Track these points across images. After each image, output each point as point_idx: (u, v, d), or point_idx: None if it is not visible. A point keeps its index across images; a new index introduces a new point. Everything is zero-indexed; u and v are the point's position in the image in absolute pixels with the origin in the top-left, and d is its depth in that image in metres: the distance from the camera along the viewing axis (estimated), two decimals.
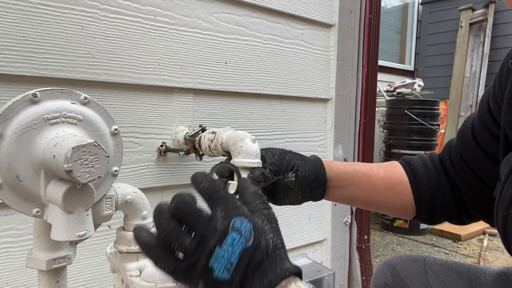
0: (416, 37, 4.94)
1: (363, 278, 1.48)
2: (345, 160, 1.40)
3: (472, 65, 3.90)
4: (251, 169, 0.61)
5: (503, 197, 0.45)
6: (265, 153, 0.66)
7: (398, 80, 3.48)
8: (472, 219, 0.66)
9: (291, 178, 0.63)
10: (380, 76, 2.20)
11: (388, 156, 2.75)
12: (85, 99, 0.54)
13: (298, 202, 0.66)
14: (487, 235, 2.65)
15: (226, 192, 0.41)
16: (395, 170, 0.68)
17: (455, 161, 0.64)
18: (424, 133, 2.61)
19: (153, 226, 0.67)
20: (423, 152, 2.62)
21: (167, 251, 0.38)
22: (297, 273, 0.38)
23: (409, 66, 4.92)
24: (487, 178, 0.59)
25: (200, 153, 0.88)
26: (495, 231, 2.71)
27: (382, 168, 0.68)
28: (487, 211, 0.62)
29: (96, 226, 0.58)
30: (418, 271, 0.68)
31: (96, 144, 0.45)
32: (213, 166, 0.60)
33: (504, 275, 0.62)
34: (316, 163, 0.65)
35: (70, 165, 0.43)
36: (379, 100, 2.64)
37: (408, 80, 3.42)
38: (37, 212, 0.51)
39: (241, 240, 0.36)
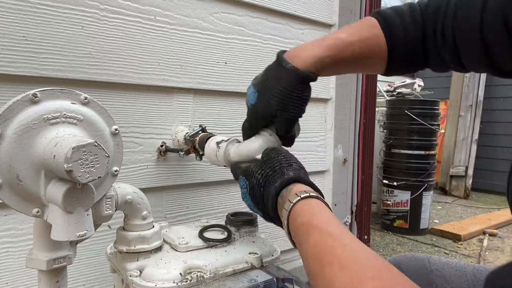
0: None
1: None
2: (345, 160, 1.40)
3: None
4: None
5: None
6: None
7: (398, 80, 3.48)
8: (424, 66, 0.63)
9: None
10: (380, 76, 2.20)
11: (388, 156, 2.75)
12: (85, 99, 0.54)
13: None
14: (487, 235, 2.65)
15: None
16: (373, 29, 0.62)
17: (440, 29, 0.58)
18: (424, 133, 2.61)
19: (153, 226, 0.67)
20: (423, 152, 2.62)
21: None
22: (296, 179, 0.53)
23: None
24: (468, 60, 0.56)
25: (200, 153, 0.88)
26: (495, 231, 2.71)
27: (359, 42, 0.61)
28: (441, 67, 0.60)
29: (96, 226, 0.58)
30: (422, 269, 0.68)
31: (96, 144, 0.45)
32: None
33: None
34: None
35: (70, 165, 0.43)
36: (379, 100, 2.64)
37: (408, 80, 3.42)
38: (37, 212, 0.51)
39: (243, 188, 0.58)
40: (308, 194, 0.50)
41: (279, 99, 0.59)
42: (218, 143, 0.70)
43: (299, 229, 0.49)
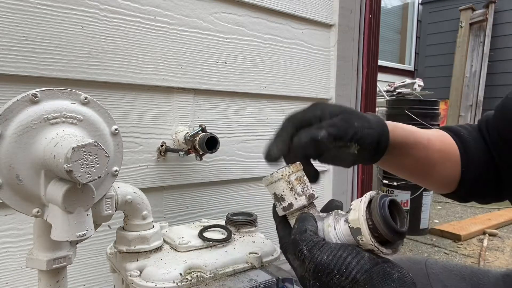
0: (416, 37, 4.94)
1: None
2: None
3: (472, 65, 3.90)
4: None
5: None
6: (321, 113, 0.51)
7: (398, 80, 3.48)
8: (500, 197, 0.62)
9: (354, 150, 0.50)
10: (380, 76, 2.20)
11: None
12: (85, 99, 0.54)
13: (348, 165, 0.56)
14: (487, 235, 2.65)
15: None
16: (448, 142, 0.62)
17: (494, 138, 0.59)
18: None
19: (153, 226, 0.67)
20: None
21: None
22: None
23: (409, 66, 4.93)
24: None
25: (200, 153, 0.88)
26: (495, 231, 2.71)
27: (439, 139, 0.62)
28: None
29: (96, 226, 0.58)
30: (419, 273, 0.67)
31: (96, 144, 0.45)
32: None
33: (507, 277, 0.61)
34: (382, 130, 0.54)
35: (70, 165, 0.43)
36: (379, 100, 2.64)
37: (408, 80, 3.42)
38: (37, 212, 0.51)
39: None
40: None
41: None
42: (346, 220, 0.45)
43: None
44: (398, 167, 0.63)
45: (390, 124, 0.58)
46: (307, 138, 0.47)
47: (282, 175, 0.48)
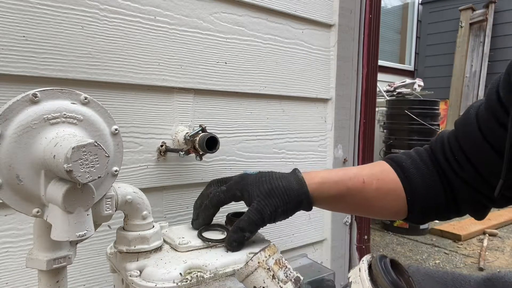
0: (416, 37, 4.94)
1: None
2: (345, 160, 1.40)
3: (472, 65, 3.90)
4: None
5: None
6: (241, 195, 0.66)
7: (398, 80, 3.48)
8: (460, 214, 0.65)
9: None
10: (380, 76, 2.20)
11: None
12: (85, 99, 0.54)
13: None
14: (487, 235, 2.65)
15: None
16: (387, 177, 0.66)
17: (451, 155, 0.61)
18: (424, 133, 2.61)
19: (153, 226, 0.67)
20: None
21: None
22: None
23: (409, 66, 4.93)
24: (488, 174, 0.57)
25: (200, 153, 0.88)
26: (495, 231, 2.71)
27: (375, 178, 0.66)
28: (477, 207, 0.62)
29: (96, 226, 0.58)
30: None
31: (96, 144, 0.45)
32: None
33: (489, 281, 0.61)
34: (300, 200, 0.63)
35: (70, 165, 0.43)
36: (379, 100, 2.65)
37: (408, 80, 3.43)
38: (37, 212, 0.51)
39: None
40: None
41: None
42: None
43: None
44: (337, 209, 0.71)
45: (316, 181, 0.64)
46: (237, 243, 0.64)
47: (258, 262, 0.41)
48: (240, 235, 0.60)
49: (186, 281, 0.60)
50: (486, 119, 0.56)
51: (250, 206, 0.65)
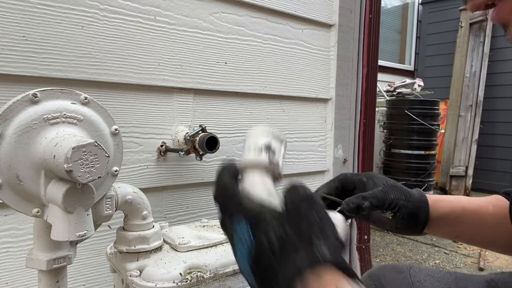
0: (416, 37, 4.94)
1: None
2: (345, 160, 1.40)
3: (472, 65, 3.90)
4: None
5: None
6: (366, 180, 0.63)
7: (398, 80, 3.48)
8: None
9: (388, 216, 0.60)
10: (380, 76, 2.20)
11: (388, 156, 2.75)
12: (85, 99, 0.54)
13: (388, 229, 0.64)
14: None
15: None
16: (503, 203, 0.64)
17: None
18: (424, 133, 2.61)
19: (153, 226, 0.68)
20: (423, 152, 2.63)
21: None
22: (332, 261, 0.31)
23: (409, 66, 4.92)
24: None
25: (200, 153, 0.88)
26: None
27: (490, 203, 0.64)
28: None
29: (96, 226, 0.58)
30: (404, 282, 0.67)
31: (96, 144, 0.45)
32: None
33: (492, 282, 0.61)
34: (419, 205, 0.61)
35: (70, 165, 0.43)
36: (379, 100, 2.65)
37: (408, 80, 3.43)
38: (37, 212, 0.51)
39: (242, 241, 0.37)
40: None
41: None
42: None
43: None
44: (453, 234, 0.66)
45: (433, 198, 0.64)
46: (354, 205, 0.57)
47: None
48: (360, 201, 0.57)
49: (186, 281, 0.60)
50: None
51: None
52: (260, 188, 0.42)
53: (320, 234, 0.33)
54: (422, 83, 3.38)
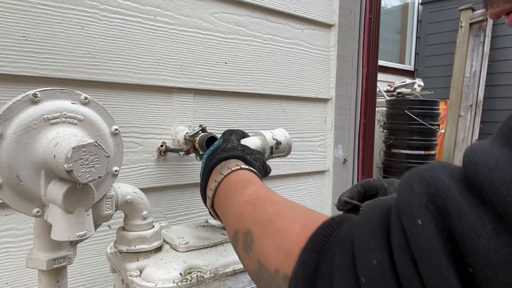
0: (416, 37, 4.94)
1: None
2: (345, 160, 1.40)
3: (472, 65, 3.90)
4: None
5: None
6: (388, 186, 0.64)
7: (398, 80, 3.48)
8: None
9: None
10: (380, 76, 2.20)
11: (388, 156, 2.75)
12: (86, 99, 0.54)
13: None
14: None
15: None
16: None
17: None
18: (424, 133, 2.61)
19: (153, 226, 0.68)
20: (423, 152, 2.62)
21: None
22: (241, 158, 0.57)
23: (409, 66, 4.93)
24: None
25: (200, 153, 0.88)
26: None
27: None
28: None
29: (96, 226, 0.58)
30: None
31: (96, 144, 0.45)
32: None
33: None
34: None
35: (71, 165, 0.43)
36: (379, 100, 2.64)
37: (408, 80, 3.43)
38: (37, 212, 0.51)
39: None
40: (247, 167, 0.55)
41: None
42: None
43: (232, 186, 0.51)
44: None
45: None
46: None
47: None
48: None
49: (186, 281, 0.60)
50: None
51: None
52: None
53: (243, 149, 0.61)
54: (422, 83, 3.38)
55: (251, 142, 0.76)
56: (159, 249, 0.68)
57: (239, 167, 0.54)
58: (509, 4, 0.42)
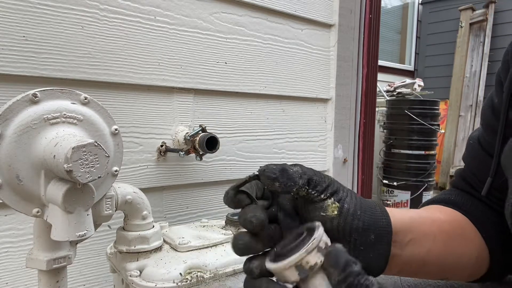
0: (416, 37, 4.94)
1: None
2: (345, 160, 1.40)
3: (472, 65, 3.90)
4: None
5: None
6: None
7: (398, 80, 3.48)
8: None
9: (332, 211, 0.38)
10: (380, 76, 2.20)
11: (388, 156, 2.75)
12: (85, 99, 0.54)
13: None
14: None
15: None
16: (448, 210, 0.53)
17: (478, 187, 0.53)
18: (424, 133, 2.61)
19: (153, 226, 0.67)
20: (423, 152, 2.62)
21: None
22: None
23: (409, 66, 4.92)
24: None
25: (200, 153, 0.88)
26: None
27: (436, 210, 0.53)
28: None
29: (96, 226, 0.58)
30: (394, 286, 0.64)
31: (96, 144, 0.45)
32: None
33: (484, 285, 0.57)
34: (374, 204, 0.42)
35: (70, 165, 0.43)
36: (379, 100, 2.64)
37: (408, 80, 3.42)
38: (37, 212, 0.51)
39: None
40: None
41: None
42: None
43: None
44: (422, 257, 0.46)
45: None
46: None
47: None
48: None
49: (186, 281, 0.60)
50: (488, 140, 0.52)
51: None
52: None
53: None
54: (422, 83, 3.38)
55: None
56: (159, 249, 0.68)
57: None
58: None
